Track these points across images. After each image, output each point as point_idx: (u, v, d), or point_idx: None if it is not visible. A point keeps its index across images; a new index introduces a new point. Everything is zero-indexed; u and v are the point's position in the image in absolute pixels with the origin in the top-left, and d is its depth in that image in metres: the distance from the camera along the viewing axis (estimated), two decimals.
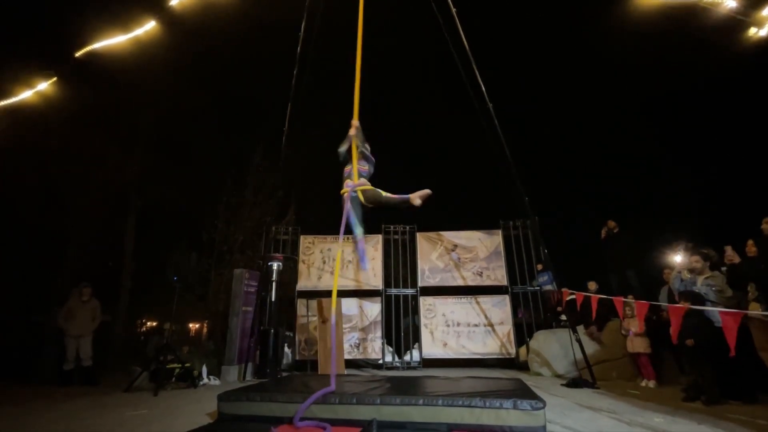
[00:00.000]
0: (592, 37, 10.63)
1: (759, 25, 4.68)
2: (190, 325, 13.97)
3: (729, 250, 4.18)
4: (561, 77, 14.18)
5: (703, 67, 8.91)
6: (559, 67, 14.15)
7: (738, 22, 4.79)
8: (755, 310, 3.69)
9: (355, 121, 4.07)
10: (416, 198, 3.54)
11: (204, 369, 5.80)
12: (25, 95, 6.66)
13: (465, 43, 6.26)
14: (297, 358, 7.31)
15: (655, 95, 12.47)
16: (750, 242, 3.92)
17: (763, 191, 9.42)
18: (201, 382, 5.52)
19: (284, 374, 6.25)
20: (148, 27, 6.70)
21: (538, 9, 11.84)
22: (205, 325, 10.90)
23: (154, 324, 14.55)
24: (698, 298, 4.15)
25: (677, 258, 5.03)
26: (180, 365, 5.48)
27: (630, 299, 5.37)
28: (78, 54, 6.78)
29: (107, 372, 6.79)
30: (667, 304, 4.74)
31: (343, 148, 4.04)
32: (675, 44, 8.65)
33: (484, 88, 6.21)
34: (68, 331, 5.94)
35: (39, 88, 6.70)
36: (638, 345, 5.24)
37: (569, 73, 13.88)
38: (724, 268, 4.42)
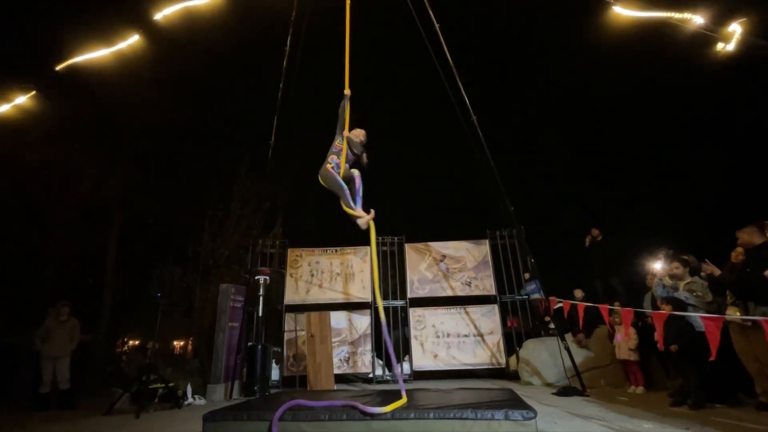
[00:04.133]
0: (574, 46, 10.99)
1: (726, 40, 4.94)
2: (175, 343, 13.58)
3: (707, 266, 4.28)
4: (546, 87, 14.60)
5: (684, 77, 9.28)
6: (545, 77, 14.57)
7: (707, 37, 5.05)
8: (734, 314, 3.78)
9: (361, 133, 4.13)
10: (364, 222, 3.60)
11: (189, 388, 5.63)
12: (2, 109, 6.51)
13: (449, 57, 6.39)
14: (285, 374, 7.16)
15: (638, 104, 12.92)
16: (740, 250, 3.97)
17: (743, 197, 9.79)
18: (186, 402, 5.34)
19: (273, 391, 6.11)
20: (131, 41, 6.66)
21: (522, 23, 12.21)
22: (190, 342, 10.62)
23: (137, 342, 14.10)
24: (680, 304, 4.24)
25: (657, 265, 5.14)
26: (163, 385, 5.30)
27: (617, 306, 5.44)
28: (59, 67, 6.68)
29: (86, 395, 6.52)
30: (651, 311, 4.82)
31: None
32: (653, 54, 9.00)
33: (468, 102, 6.33)
34: (44, 353, 5.69)
35: (17, 102, 6.56)
36: (626, 352, 5.30)
37: (553, 83, 14.28)
38: (703, 274, 4.53)
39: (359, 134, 4.14)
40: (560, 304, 6.16)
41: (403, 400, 2.95)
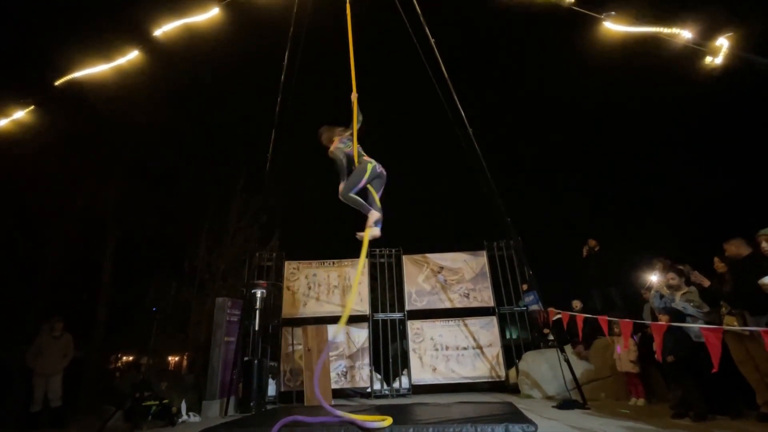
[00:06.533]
0: (568, 61, 11.23)
1: (714, 54, 5.06)
2: (169, 358, 13.36)
3: (695, 278, 4.34)
4: (542, 99, 14.84)
5: (675, 90, 9.44)
6: (540, 91, 14.82)
7: (696, 51, 5.17)
8: (731, 324, 3.79)
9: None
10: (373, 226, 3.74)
11: (183, 405, 5.52)
12: (0, 123, 6.52)
13: (444, 71, 6.50)
14: (282, 389, 7.04)
15: (632, 117, 13.15)
16: (716, 259, 4.08)
17: (737, 206, 9.91)
18: (180, 420, 5.24)
19: (269, 407, 6.01)
20: (131, 56, 6.73)
21: (515, 38, 12.49)
22: (185, 357, 10.45)
23: (131, 358, 13.86)
24: (677, 315, 4.24)
25: (653, 277, 5.15)
26: (157, 402, 5.20)
27: (616, 317, 5.42)
28: (58, 83, 6.73)
29: (78, 413, 6.38)
30: (650, 322, 4.82)
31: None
32: (644, 67, 9.18)
33: (464, 114, 6.41)
34: (37, 370, 5.58)
35: (16, 117, 6.58)
36: (627, 364, 5.26)
37: (549, 96, 14.53)
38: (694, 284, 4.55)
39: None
40: (559, 316, 6.13)
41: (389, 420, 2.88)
